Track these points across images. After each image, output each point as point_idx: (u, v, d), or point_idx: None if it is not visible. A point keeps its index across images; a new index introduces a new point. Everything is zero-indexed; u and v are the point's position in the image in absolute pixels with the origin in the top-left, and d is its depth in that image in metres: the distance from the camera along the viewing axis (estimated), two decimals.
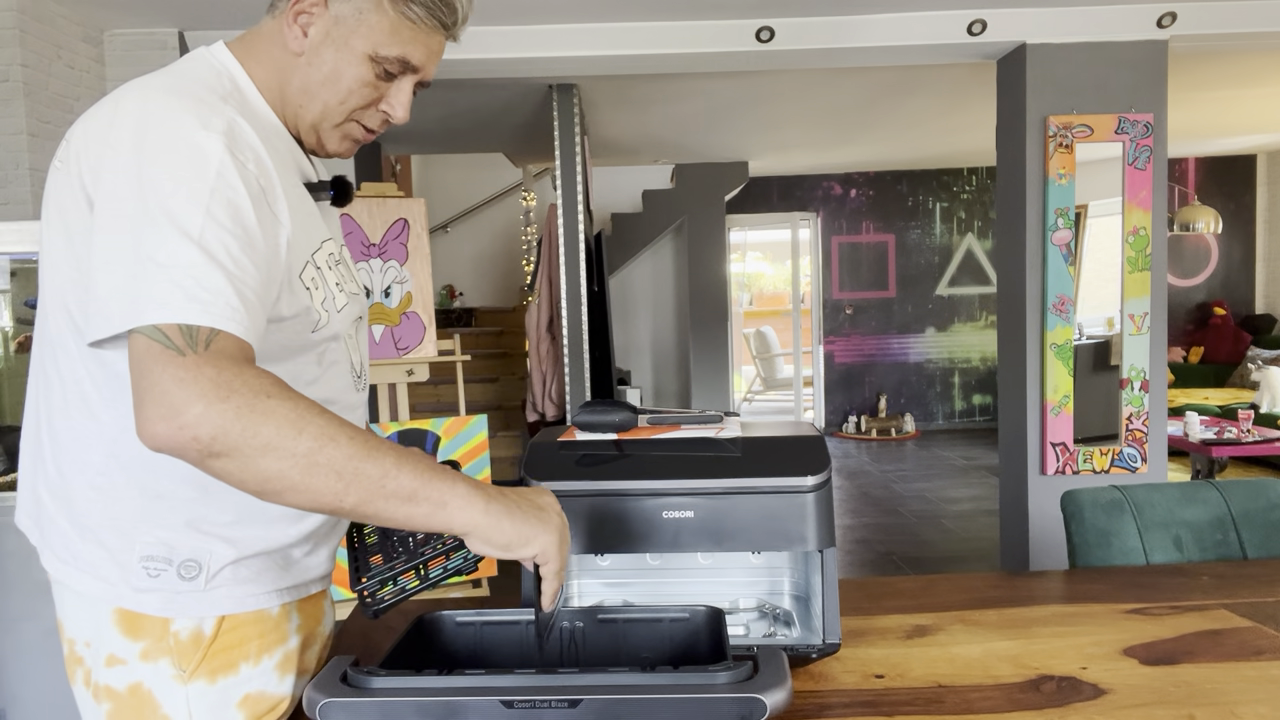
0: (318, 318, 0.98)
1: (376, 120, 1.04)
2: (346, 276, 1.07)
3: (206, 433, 0.77)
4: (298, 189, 1.00)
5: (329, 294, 1.01)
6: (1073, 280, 3.53)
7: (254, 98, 1.00)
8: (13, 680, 2.43)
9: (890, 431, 7.96)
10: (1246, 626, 1.23)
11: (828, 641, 1.12)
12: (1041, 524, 3.59)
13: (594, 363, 4.65)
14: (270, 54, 1.01)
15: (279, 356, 0.96)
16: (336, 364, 1.04)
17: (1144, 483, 2.18)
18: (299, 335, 0.97)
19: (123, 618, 0.95)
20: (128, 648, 0.95)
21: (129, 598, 0.95)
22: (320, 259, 1.01)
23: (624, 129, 5.70)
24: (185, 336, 0.80)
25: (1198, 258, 7.86)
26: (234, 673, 0.97)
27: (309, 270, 0.98)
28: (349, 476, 0.81)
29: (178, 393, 0.77)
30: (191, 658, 0.95)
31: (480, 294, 7.93)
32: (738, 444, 1.18)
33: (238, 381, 0.79)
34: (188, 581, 0.95)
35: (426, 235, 3.52)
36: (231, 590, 0.97)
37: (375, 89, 1.01)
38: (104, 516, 0.96)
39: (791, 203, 8.08)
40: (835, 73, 4.32)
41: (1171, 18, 3.41)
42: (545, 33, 3.47)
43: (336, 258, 1.06)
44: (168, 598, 0.95)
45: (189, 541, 0.95)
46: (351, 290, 1.07)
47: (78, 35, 3.16)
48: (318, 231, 1.02)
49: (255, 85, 1.01)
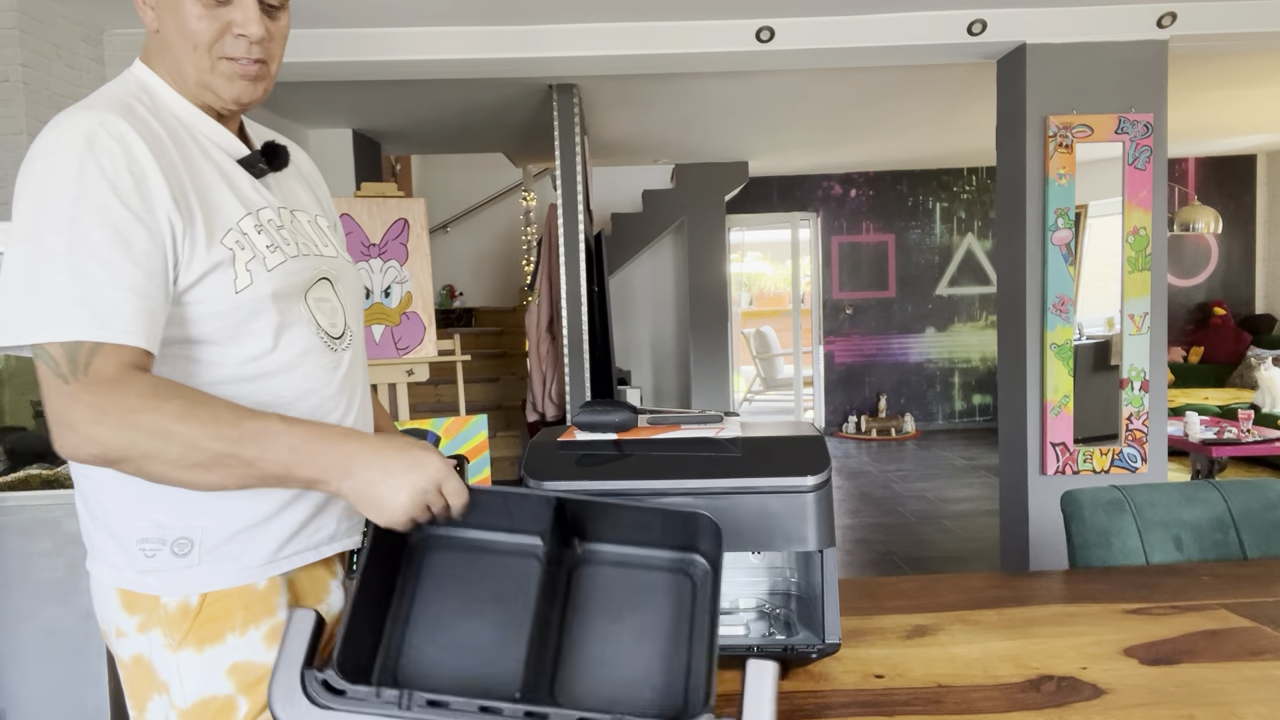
0: (236, 276, 1.02)
1: (240, 47, 1.05)
2: (291, 239, 1.11)
3: (98, 449, 0.91)
4: (219, 166, 1.07)
5: (255, 254, 1.04)
6: (1073, 280, 3.53)
7: (164, 93, 1.07)
8: (13, 680, 2.43)
9: (890, 431, 7.95)
10: (1246, 626, 1.23)
11: (828, 641, 1.12)
12: (1041, 524, 3.59)
13: (594, 363, 4.65)
14: (154, 46, 1.08)
15: (226, 336, 1.03)
16: (293, 327, 1.08)
17: (1144, 483, 2.18)
18: (223, 297, 1.02)
19: (123, 594, 1.05)
20: (127, 621, 1.05)
21: (134, 580, 1.04)
22: (248, 224, 1.06)
23: (624, 129, 5.70)
24: (68, 358, 0.91)
25: (1198, 258, 7.86)
26: (220, 643, 1.04)
27: (231, 235, 1.03)
28: (223, 469, 0.93)
29: (67, 417, 0.91)
30: (179, 628, 1.03)
31: (480, 294, 7.93)
32: (738, 444, 1.18)
33: (109, 403, 0.90)
34: (181, 558, 1.03)
35: (426, 235, 3.52)
36: (223, 566, 1.04)
37: (215, 18, 1.04)
38: (107, 506, 1.05)
39: (791, 203, 8.08)
40: (835, 73, 4.32)
41: (1171, 18, 3.41)
42: (545, 33, 3.47)
43: (278, 223, 1.10)
44: (165, 577, 1.03)
45: (179, 520, 1.03)
46: (299, 251, 1.11)
47: (78, 35, 3.16)
48: (246, 201, 1.08)
49: (165, 80, 1.08)
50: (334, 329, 1.15)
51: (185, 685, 1.04)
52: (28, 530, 2.37)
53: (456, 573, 1.01)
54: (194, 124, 1.08)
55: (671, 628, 0.97)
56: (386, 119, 5.13)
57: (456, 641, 0.97)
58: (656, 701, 0.93)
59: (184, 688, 1.04)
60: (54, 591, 2.39)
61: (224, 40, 1.04)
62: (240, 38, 1.04)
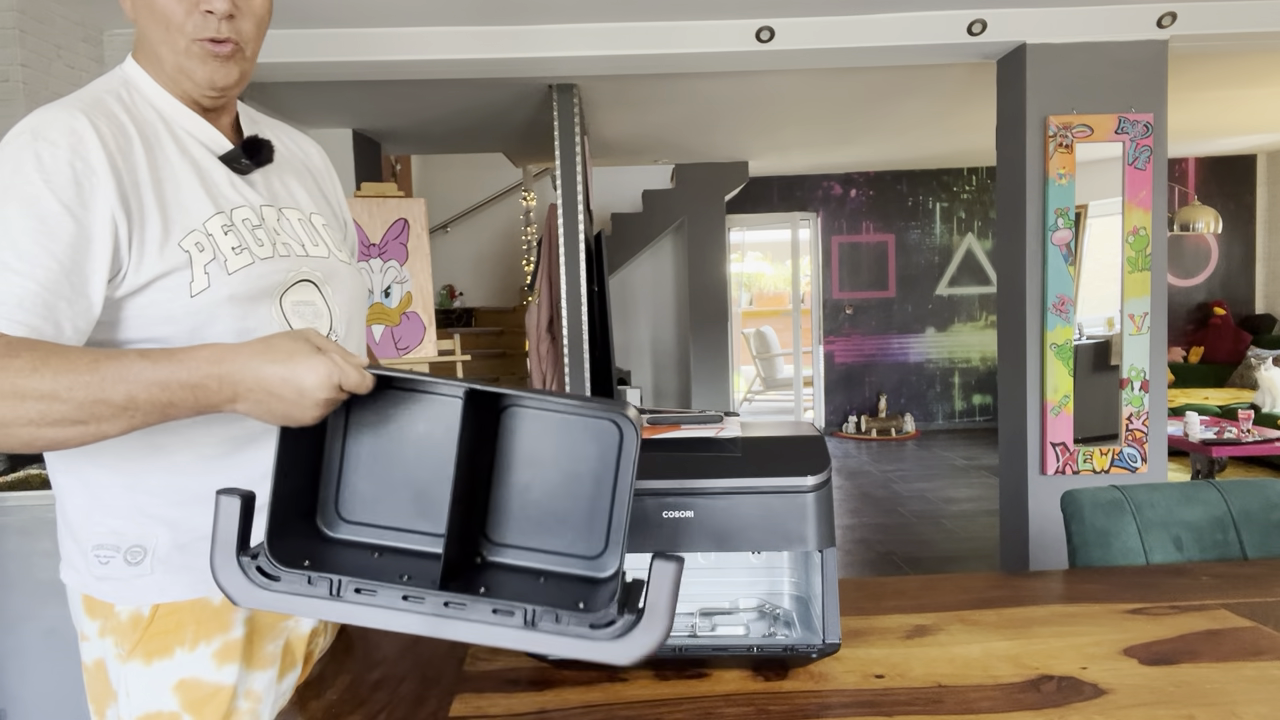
0: (192, 280, 0.99)
1: (210, 26, 1.03)
2: (267, 240, 1.07)
3: None
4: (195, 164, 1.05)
5: (217, 255, 1.01)
6: (1073, 280, 3.53)
7: (146, 86, 1.06)
8: (13, 680, 2.43)
9: (890, 431, 7.95)
10: (1246, 626, 1.23)
11: (828, 641, 1.12)
12: (1041, 524, 3.59)
13: (594, 363, 4.65)
14: (138, 39, 1.08)
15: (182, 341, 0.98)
16: (256, 332, 1.02)
17: (1144, 483, 2.18)
18: (175, 302, 0.98)
19: (85, 599, 1.05)
20: (89, 626, 1.05)
21: (92, 585, 1.03)
22: (214, 225, 1.03)
23: (624, 129, 5.70)
24: None
25: (1198, 258, 7.86)
26: (169, 657, 1.02)
27: (190, 238, 1.00)
28: (93, 421, 0.86)
29: None
30: (130, 638, 1.02)
31: (480, 294, 7.93)
32: (738, 444, 1.18)
33: None
34: (133, 567, 1.02)
35: (426, 235, 3.53)
36: (177, 577, 1.02)
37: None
38: (69, 510, 1.05)
39: (791, 203, 8.08)
40: (835, 73, 4.32)
41: (1171, 18, 3.41)
42: (545, 33, 3.47)
43: (253, 222, 1.07)
44: (119, 585, 1.02)
45: (134, 528, 1.02)
46: (275, 253, 1.07)
47: (78, 35, 3.16)
48: (218, 201, 1.05)
49: (150, 75, 1.07)
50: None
51: (131, 697, 1.02)
52: (28, 530, 2.38)
53: (383, 416, 0.98)
54: (174, 118, 1.06)
55: (597, 472, 0.97)
56: (386, 119, 5.13)
57: (389, 477, 0.97)
58: (578, 542, 0.96)
59: (130, 700, 1.02)
60: (54, 591, 2.38)
61: (192, 18, 1.02)
62: (208, 15, 1.02)
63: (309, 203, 1.20)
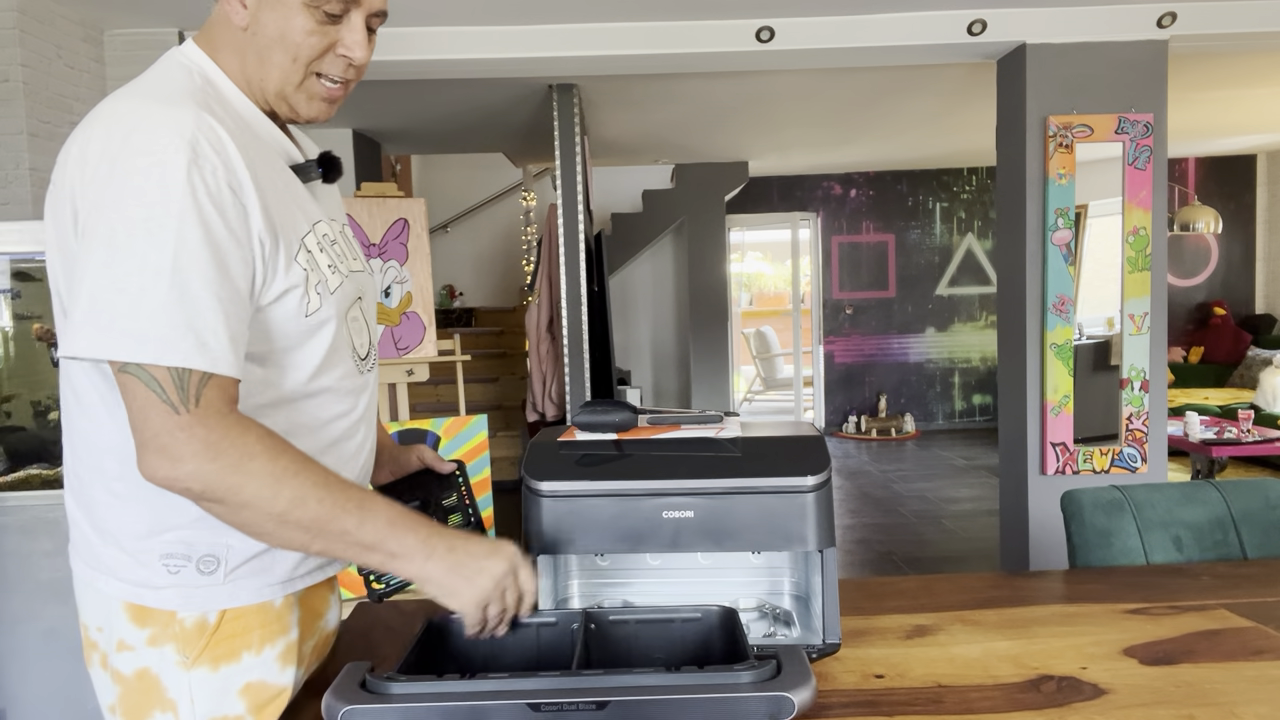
0: (307, 300, 0.98)
1: (339, 67, 1.02)
2: (342, 255, 1.07)
3: (198, 486, 0.88)
4: (283, 175, 1.01)
5: (321, 277, 1.01)
6: (1073, 280, 3.53)
7: (228, 89, 1.01)
8: (13, 680, 2.43)
9: (890, 431, 7.95)
10: (1246, 626, 1.23)
11: (828, 641, 1.12)
12: (1041, 524, 3.59)
13: (594, 363, 4.65)
14: (226, 38, 1.01)
15: (276, 360, 0.98)
16: (336, 350, 1.04)
17: (1144, 483, 2.18)
18: (292, 320, 0.98)
19: (131, 608, 0.99)
20: (135, 634, 0.99)
21: (148, 595, 0.99)
22: (311, 242, 1.01)
23: (624, 129, 5.70)
24: (176, 385, 0.87)
25: (1198, 258, 7.86)
26: (236, 661, 1.01)
27: (301, 254, 0.98)
28: (315, 531, 0.92)
29: (174, 449, 0.87)
30: (195, 645, 0.99)
31: (480, 294, 7.93)
32: (738, 444, 1.18)
33: (225, 443, 0.88)
34: (206, 575, 0.99)
35: (426, 235, 3.53)
36: (246, 583, 1.01)
37: (324, 35, 0.99)
38: (122, 521, 0.99)
39: (791, 203, 8.08)
40: (835, 73, 4.32)
41: (1171, 18, 3.41)
42: (545, 33, 3.47)
43: (331, 238, 1.06)
44: (187, 593, 0.99)
45: (206, 538, 0.99)
46: (351, 269, 1.07)
47: (78, 35, 3.16)
48: (307, 215, 1.02)
49: (227, 75, 1.01)
50: (362, 349, 1.10)
51: (196, 704, 1.00)
52: (28, 530, 2.38)
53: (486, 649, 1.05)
54: (258, 126, 1.01)
55: None
56: (386, 119, 5.13)
57: None
58: None
59: (194, 706, 1.00)
60: (54, 591, 2.38)
61: (325, 58, 1.00)
62: (342, 58, 1.01)
63: (341, 213, 1.19)
